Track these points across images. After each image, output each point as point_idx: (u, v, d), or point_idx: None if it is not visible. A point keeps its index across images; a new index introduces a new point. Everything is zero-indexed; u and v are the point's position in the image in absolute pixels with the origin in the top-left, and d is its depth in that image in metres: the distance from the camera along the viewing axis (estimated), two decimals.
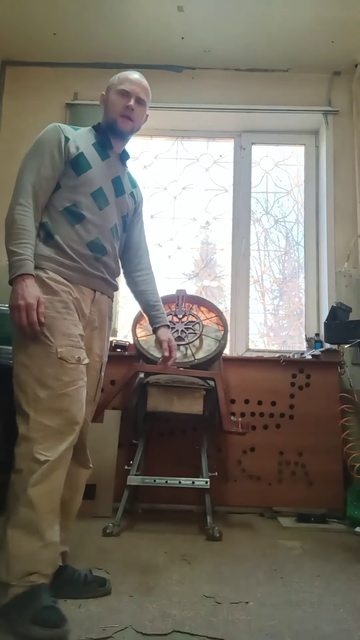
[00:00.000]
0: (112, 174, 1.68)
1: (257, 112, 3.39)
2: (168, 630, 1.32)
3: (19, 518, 1.34)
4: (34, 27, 3.13)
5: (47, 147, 1.57)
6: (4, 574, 1.31)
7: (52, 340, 1.44)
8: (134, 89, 1.66)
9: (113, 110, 1.66)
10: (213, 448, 2.76)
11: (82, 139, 1.64)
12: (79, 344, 1.49)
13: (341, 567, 1.91)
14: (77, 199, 1.58)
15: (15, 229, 1.48)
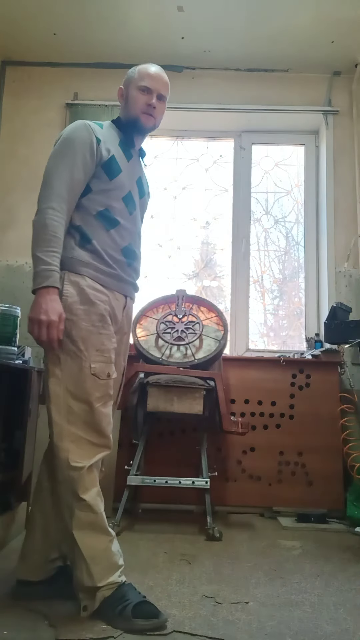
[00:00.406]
0: (136, 175, 1.65)
1: (257, 112, 3.39)
2: (168, 630, 1.32)
3: (81, 523, 1.38)
4: (34, 27, 3.12)
5: (79, 149, 1.50)
6: (88, 580, 1.36)
7: (86, 355, 1.44)
8: (155, 85, 1.61)
9: (134, 107, 1.60)
10: (213, 448, 2.76)
11: (110, 139, 1.59)
12: (111, 359, 1.50)
13: (341, 567, 1.91)
14: (110, 204, 1.54)
15: (46, 235, 1.41)
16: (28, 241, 3.55)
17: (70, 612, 1.42)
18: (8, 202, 3.30)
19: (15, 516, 2.11)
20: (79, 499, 1.39)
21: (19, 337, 2.39)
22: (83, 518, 1.39)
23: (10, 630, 1.30)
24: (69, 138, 1.52)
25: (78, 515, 1.39)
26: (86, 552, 1.37)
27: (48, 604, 1.46)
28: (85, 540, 1.38)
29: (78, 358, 1.44)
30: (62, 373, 1.45)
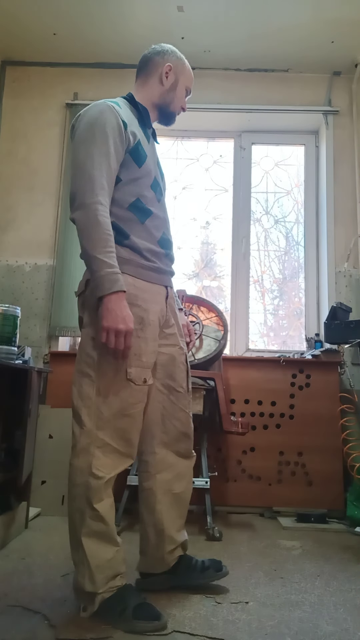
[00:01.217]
0: (156, 157, 1.59)
1: (257, 112, 3.39)
2: (168, 630, 1.32)
3: (91, 531, 1.36)
4: (34, 27, 3.12)
5: (110, 134, 1.38)
6: (89, 585, 1.35)
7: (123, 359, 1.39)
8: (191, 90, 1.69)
9: (177, 103, 1.64)
10: (213, 448, 2.76)
11: (132, 120, 1.49)
12: (148, 364, 1.45)
13: (341, 567, 1.91)
14: (141, 193, 1.46)
15: (102, 234, 1.33)
16: (28, 241, 3.55)
17: (70, 612, 1.42)
18: (8, 202, 3.30)
19: (15, 516, 2.11)
20: (92, 508, 1.36)
21: (19, 337, 2.40)
22: (93, 527, 1.36)
23: (10, 630, 1.30)
24: (98, 122, 1.39)
25: (89, 523, 1.36)
26: (92, 561, 1.35)
27: (49, 605, 1.46)
28: (92, 548, 1.36)
29: (113, 361, 1.38)
30: (96, 375, 1.39)
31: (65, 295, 3.10)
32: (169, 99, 1.60)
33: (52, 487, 2.55)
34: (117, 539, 1.41)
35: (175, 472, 1.59)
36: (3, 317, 2.21)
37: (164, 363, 1.55)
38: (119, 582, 1.39)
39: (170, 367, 1.56)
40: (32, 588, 1.59)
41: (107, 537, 1.38)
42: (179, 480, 1.60)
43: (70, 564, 1.77)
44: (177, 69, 1.61)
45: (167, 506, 1.57)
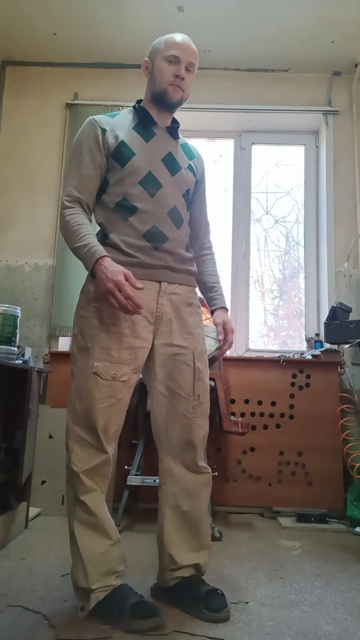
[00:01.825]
0: (162, 153, 1.54)
1: (257, 112, 3.39)
2: (168, 630, 1.32)
3: (81, 522, 1.38)
4: (34, 27, 3.12)
5: (85, 145, 1.49)
6: (83, 581, 1.35)
7: (92, 353, 1.41)
8: (183, 54, 1.52)
9: (162, 79, 1.52)
10: (213, 448, 2.76)
11: (121, 125, 1.53)
12: (120, 359, 1.42)
13: (341, 567, 1.91)
14: (126, 191, 1.48)
15: (71, 228, 1.42)
16: (28, 241, 3.56)
17: (70, 612, 1.42)
18: (8, 202, 3.30)
19: (15, 516, 2.11)
20: (80, 502, 1.38)
21: (19, 337, 2.39)
22: (83, 518, 1.39)
23: (10, 630, 1.30)
24: (76, 139, 1.53)
25: (79, 515, 1.39)
26: (84, 553, 1.37)
27: (49, 605, 1.46)
28: (84, 541, 1.38)
29: (85, 356, 1.42)
30: (75, 371, 1.44)
31: (65, 295, 3.10)
32: (152, 85, 1.56)
33: (52, 487, 2.55)
34: (111, 533, 1.40)
35: (181, 486, 1.48)
36: (3, 317, 2.21)
37: (163, 363, 1.49)
38: (114, 582, 1.38)
39: (170, 367, 1.49)
40: (32, 588, 1.59)
41: (98, 529, 1.39)
42: (187, 496, 1.48)
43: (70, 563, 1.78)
44: (152, 55, 1.56)
45: (172, 523, 1.47)
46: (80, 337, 1.44)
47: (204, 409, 1.53)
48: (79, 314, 1.47)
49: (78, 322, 1.47)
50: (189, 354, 1.51)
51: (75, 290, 3.08)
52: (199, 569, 1.50)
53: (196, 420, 1.50)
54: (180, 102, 1.57)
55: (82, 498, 1.38)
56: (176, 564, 1.45)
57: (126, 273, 1.35)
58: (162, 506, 1.49)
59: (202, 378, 1.53)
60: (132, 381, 1.46)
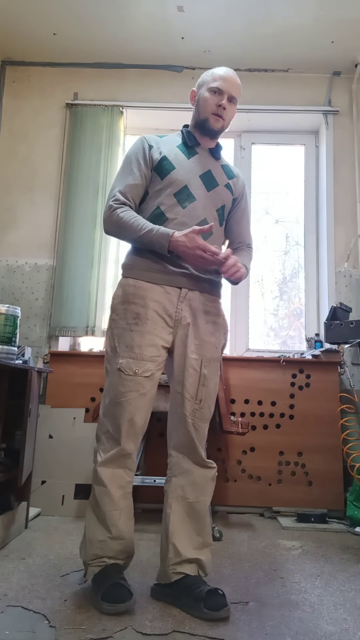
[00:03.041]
0: (201, 170, 1.68)
1: (257, 112, 3.39)
2: (168, 630, 1.32)
3: (91, 509, 1.55)
4: (34, 27, 3.12)
5: (133, 157, 1.65)
6: (83, 554, 1.54)
7: (118, 351, 1.55)
8: (226, 86, 1.65)
9: (205, 108, 1.66)
10: (213, 448, 2.76)
11: (167, 143, 1.69)
12: (142, 356, 1.53)
13: (341, 567, 1.91)
14: (162, 201, 1.61)
15: (128, 222, 1.54)
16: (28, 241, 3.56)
17: (70, 612, 1.42)
18: (8, 202, 3.30)
19: (15, 516, 2.11)
20: (93, 489, 1.55)
21: (19, 337, 2.39)
22: (93, 506, 1.55)
23: (10, 630, 1.30)
24: (127, 154, 1.68)
25: (91, 500, 1.55)
26: (87, 532, 1.53)
27: (49, 605, 1.46)
28: (89, 524, 1.54)
29: (114, 354, 1.56)
30: (108, 369, 1.58)
31: (65, 295, 3.10)
32: (197, 113, 1.71)
33: (52, 487, 2.55)
34: (111, 529, 1.50)
35: (190, 478, 1.59)
36: (3, 317, 2.21)
37: (178, 364, 1.60)
38: (107, 560, 1.51)
39: (181, 370, 1.60)
40: (32, 588, 1.59)
41: (100, 520, 1.52)
42: (194, 488, 1.58)
43: (70, 563, 1.78)
44: (199, 85, 1.71)
45: (178, 514, 1.56)
46: (111, 337, 1.59)
47: (204, 413, 1.62)
48: (111, 317, 1.61)
49: (110, 324, 1.61)
50: (197, 360, 1.61)
51: (76, 290, 3.08)
52: (202, 568, 1.54)
53: (195, 422, 1.60)
54: (222, 130, 1.74)
55: (95, 488, 1.54)
56: (180, 556, 1.51)
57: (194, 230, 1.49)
58: (169, 497, 1.59)
59: (206, 384, 1.62)
60: (157, 377, 1.58)
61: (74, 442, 2.64)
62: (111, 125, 3.29)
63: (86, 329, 3.05)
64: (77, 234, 3.14)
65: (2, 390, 2.20)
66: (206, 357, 1.63)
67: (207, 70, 1.72)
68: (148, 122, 3.47)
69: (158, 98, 3.37)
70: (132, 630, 1.32)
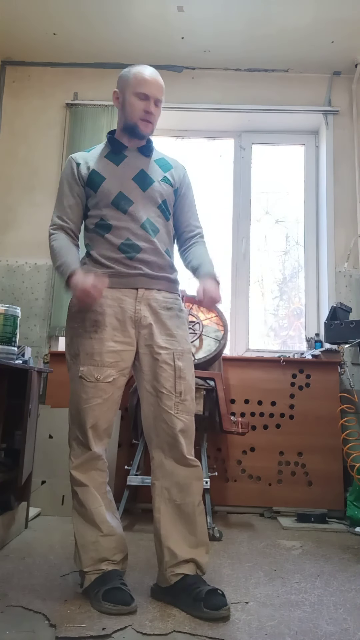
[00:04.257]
0: (133, 172, 1.68)
1: (257, 112, 3.39)
2: (168, 630, 1.32)
3: (76, 512, 1.57)
4: (34, 27, 3.12)
5: (64, 180, 1.71)
6: (78, 563, 1.55)
7: (79, 359, 1.58)
8: (151, 91, 1.65)
9: (133, 114, 1.66)
10: (213, 448, 2.76)
11: (93, 157, 1.71)
12: (102, 363, 1.56)
13: (341, 567, 1.91)
14: (102, 213, 1.65)
15: (54, 254, 1.64)
16: (28, 241, 3.57)
17: (70, 612, 1.42)
18: (8, 202, 3.30)
19: (15, 516, 2.11)
20: (74, 493, 1.57)
21: (19, 337, 2.39)
22: (77, 509, 1.57)
23: (10, 630, 1.30)
24: (60, 178, 1.74)
25: (74, 505, 1.58)
26: (78, 539, 1.55)
27: (49, 605, 1.46)
28: (78, 529, 1.56)
29: (75, 362, 1.59)
30: (70, 376, 1.62)
31: (65, 295, 3.10)
32: (124, 116, 1.69)
33: (52, 487, 2.55)
34: (101, 526, 1.53)
35: (173, 480, 1.54)
36: (3, 317, 2.21)
37: (148, 363, 1.60)
38: (105, 568, 1.52)
39: (153, 367, 1.59)
40: (32, 588, 1.59)
41: (88, 520, 1.54)
42: (180, 490, 1.54)
43: (70, 563, 1.78)
44: (122, 87, 1.69)
45: (167, 517, 1.53)
46: (71, 345, 1.62)
47: (187, 405, 1.62)
48: (69, 324, 1.65)
49: (68, 332, 1.65)
50: (169, 354, 1.60)
51: None
52: (199, 567, 1.52)
53: (179, 415, 1.58)
54: (151, 133, 1.73)
55: (76, 490, 1.56)
56: (176, 557, 1.49)
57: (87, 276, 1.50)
58: (156, 502, 1.55)
59: (183, 376, 1.62)
60: (120, 382, 1.60)
61: None
62: (111, 125, 3.29)
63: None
64: None
65: (2, 390, 2.20)
66: (178, 349, 1.62)
67: (128, 68, 1.68)
68: None
69: None
70: (132, 630, 1.32)
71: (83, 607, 1.45)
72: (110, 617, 1.39)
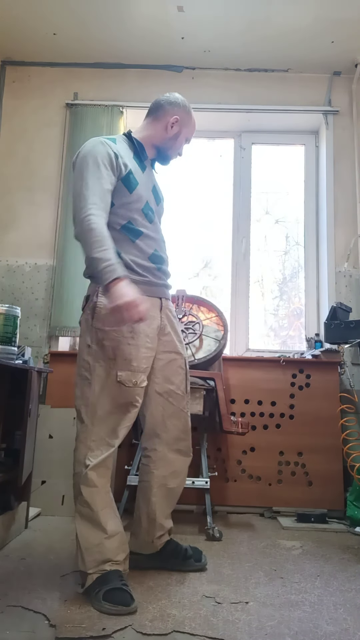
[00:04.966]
0: (150, 184, 1.77)
1: (257, 112, 3.39)
2: (168, 630, 1.32)
3: (80, 514, 1.57)
4: (34, 27, 3.12)
5: (101, 162, 1.59)
6: (81, 565, 1.55)
7: (114, 363, 1.59)
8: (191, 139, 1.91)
9: (175, 147, 1.83)
10: (213, 448, 2.76)
11: (125, 153, 1.69)
12: (140, 368, 1.62)
13: (341, 567, 1.91)
14: (131, 216, 1.66)
15: (95, 237, 1.49)
16: (28, 241, 3.57)
17: (70, 612, 1.42)
18: (8, 202, 3.30)
19: (15, 516, 2.11)
20: (81, 495, 1.56)
21: (19, 337, 2.39)
22: (82, 511, 1.57)
23: (10, 630, 1.30)
24: (89, 153, 1.60)
25: (78, 507, 1.58)
26: (82, 542, 1.55)
27: (49, 605, 1.46)
28: (82, 531, 1.56)
29: (107, 366, 1.59)
30: (92, 378, 1.59)
31: (65, 295, 3.10)
32: (169, 144, 1.81)
33: (52, 487, 2.55)
34: (106, 527, 1.55)
35: (172, 469, 1.75)
36: (3, 317, 2.21)
37: (162, 368, 1.73)
38: (108, 568, 1.53)
39: (168, 371, 1.74)
40: (32, 588, 1.59)
41: (94, 522, 1.56)
42: (175, 477, 1.76)
43: (70, 563, 1.78)
44: (183, 122, 1.82)
45: (160, 498, 1.75)
46: (98, 348, 1.59)
47: (190, 404, 1.83)
48: (95, 326, 1.59)
49: (94, 333, 1.60)
50: (182, 359, 1.79)
51: (75, 290, 3.08)
52: (171, 532, 1.82)
53: (188, 413, 1.80)
54: None
55: (84, 492, 1.55)
56: (163, 529, 1.76)
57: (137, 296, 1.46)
58: (152, 486, 1.74)
59: (189, 378, 1.84)
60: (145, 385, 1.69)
61: (74, 442, 2.63)
62: (111, 125, 3.29)
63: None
64: None
65: (2, 390, 2.20)
66: (184, 355, 1.81)
67: (190, 107, 1.88)
68: None
69: None
70: (132, 630, 1.32)
71: (83, 607, 1.45)
72: (110, 617, 1.39)
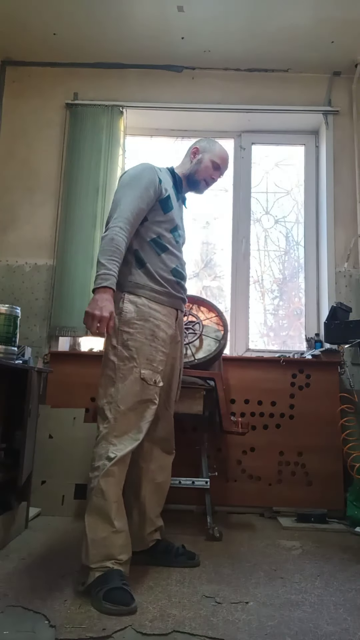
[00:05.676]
0: (180, 215, 1.98)
1: (257, 112, 3.39)
2: (168, 630, 1.33)
3: (93, 506, 1.61)
4: (34, 27, 3.12)
5: (145, 184, 1.79)
6: (85, 558, 1.58)
7: (138, 362, 1.71)
8: (224, 167, 2.03)
9: (203, 172, 1.99)
10: (213, 448, 2.76)
11: (167, 180, 1.90)
12: (158, 369, 1.75)
13: (341, 567, 1.91)
14: (161, 233, 1.83)
15: (111, 247, 1.66)
16: (28, 241, 3.57)
17: (70, 612, 1.42)
18: (8, 202, 3.30)
19: (15, 516, 2.11)
20: (99, 485, 1.60)
21: (19, 337, 2.39)
22: (95, 502, 1.60)
23: (10, 630, 1.30)
24: (139, 175, 1.81)
25: (92, 500, 1.61)
26: (89, 534, 1.59)
27: (49, 605, 1.47)
28: (90, 523, 1.60)
29: (131, 365, 1.70)
30: (116, 377, 1.70)
31: (65, 295, 3.10)
32: (193, 169, 1.99)
33: (52, 487, 2.55)
34: (114, 521, 1.59)
35: (158, 464, 1.88)
36: (3, 317, 2.21)
37: (167, 374, 1.87)
38: (111, 566, 1.56)
39: (170, 377, 1.90)
40: (32, 588, 1.59)
41: (103, 515, 1.59)
42: (161, 471, 1.89)
43: (70, 563, 1.78)
44: (204, 148, 2.01)
45: (149, 493, 1.86)
46: (123, 349, 1.71)
47: None
48: (122, 329, 1.73)
49: (120, 335, 1.73)
50: (180, 367, 1.97)
51: (76, 290, 3.08)
52: (162, 531, 1.91)
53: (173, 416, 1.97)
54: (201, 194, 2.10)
55: (101, 482, 1.60)
56: (153, 525, 1.87)
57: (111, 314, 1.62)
58: (142, 481, 1.85)
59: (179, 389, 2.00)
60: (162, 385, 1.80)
61: (74, 442, 2.64)
62: (111, 125, 3.29)
63: (86, 329, 3.04)
64: (77, 234, 3.14)
65: (2, 390, 2.20)
66: (182, 363, 1.99)
67: (211, 139, 2.04)
68: (148, 122, 3.48)
69: (158, 98, 3.37)
70: (132, 630, 1.32)
71: (83, 607, 1.45)
72: (110, 618, 1.39)
